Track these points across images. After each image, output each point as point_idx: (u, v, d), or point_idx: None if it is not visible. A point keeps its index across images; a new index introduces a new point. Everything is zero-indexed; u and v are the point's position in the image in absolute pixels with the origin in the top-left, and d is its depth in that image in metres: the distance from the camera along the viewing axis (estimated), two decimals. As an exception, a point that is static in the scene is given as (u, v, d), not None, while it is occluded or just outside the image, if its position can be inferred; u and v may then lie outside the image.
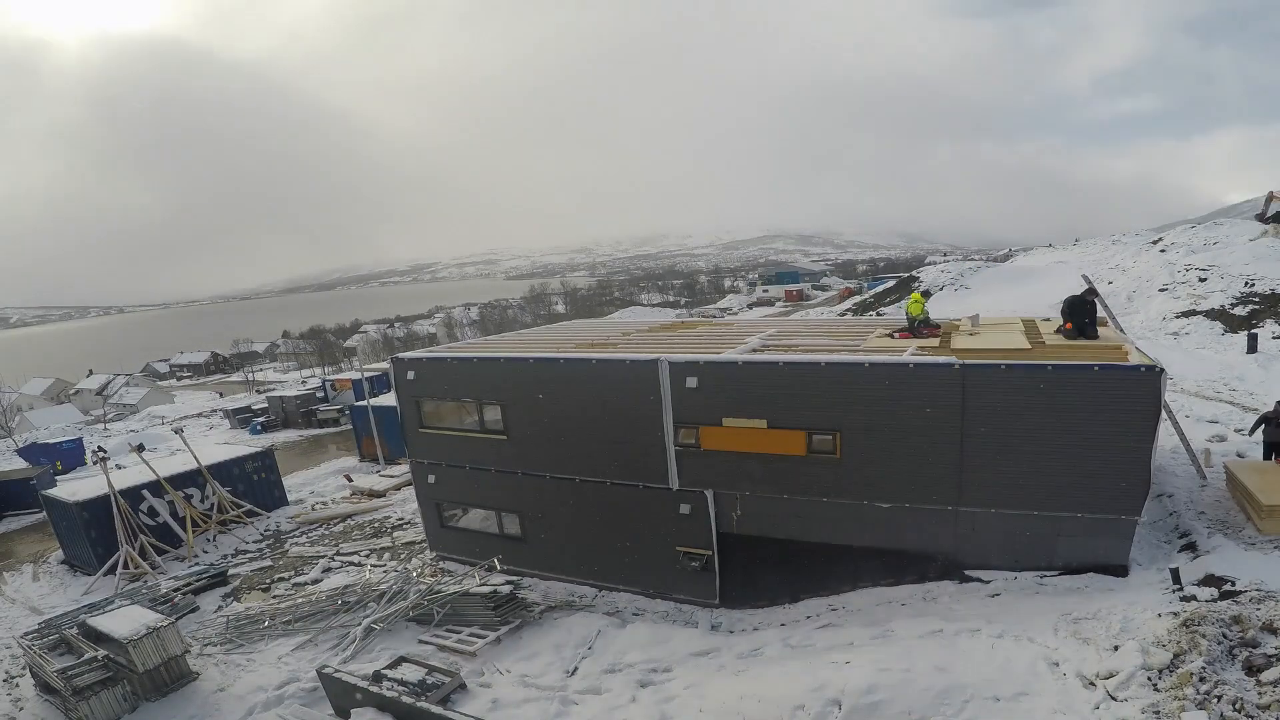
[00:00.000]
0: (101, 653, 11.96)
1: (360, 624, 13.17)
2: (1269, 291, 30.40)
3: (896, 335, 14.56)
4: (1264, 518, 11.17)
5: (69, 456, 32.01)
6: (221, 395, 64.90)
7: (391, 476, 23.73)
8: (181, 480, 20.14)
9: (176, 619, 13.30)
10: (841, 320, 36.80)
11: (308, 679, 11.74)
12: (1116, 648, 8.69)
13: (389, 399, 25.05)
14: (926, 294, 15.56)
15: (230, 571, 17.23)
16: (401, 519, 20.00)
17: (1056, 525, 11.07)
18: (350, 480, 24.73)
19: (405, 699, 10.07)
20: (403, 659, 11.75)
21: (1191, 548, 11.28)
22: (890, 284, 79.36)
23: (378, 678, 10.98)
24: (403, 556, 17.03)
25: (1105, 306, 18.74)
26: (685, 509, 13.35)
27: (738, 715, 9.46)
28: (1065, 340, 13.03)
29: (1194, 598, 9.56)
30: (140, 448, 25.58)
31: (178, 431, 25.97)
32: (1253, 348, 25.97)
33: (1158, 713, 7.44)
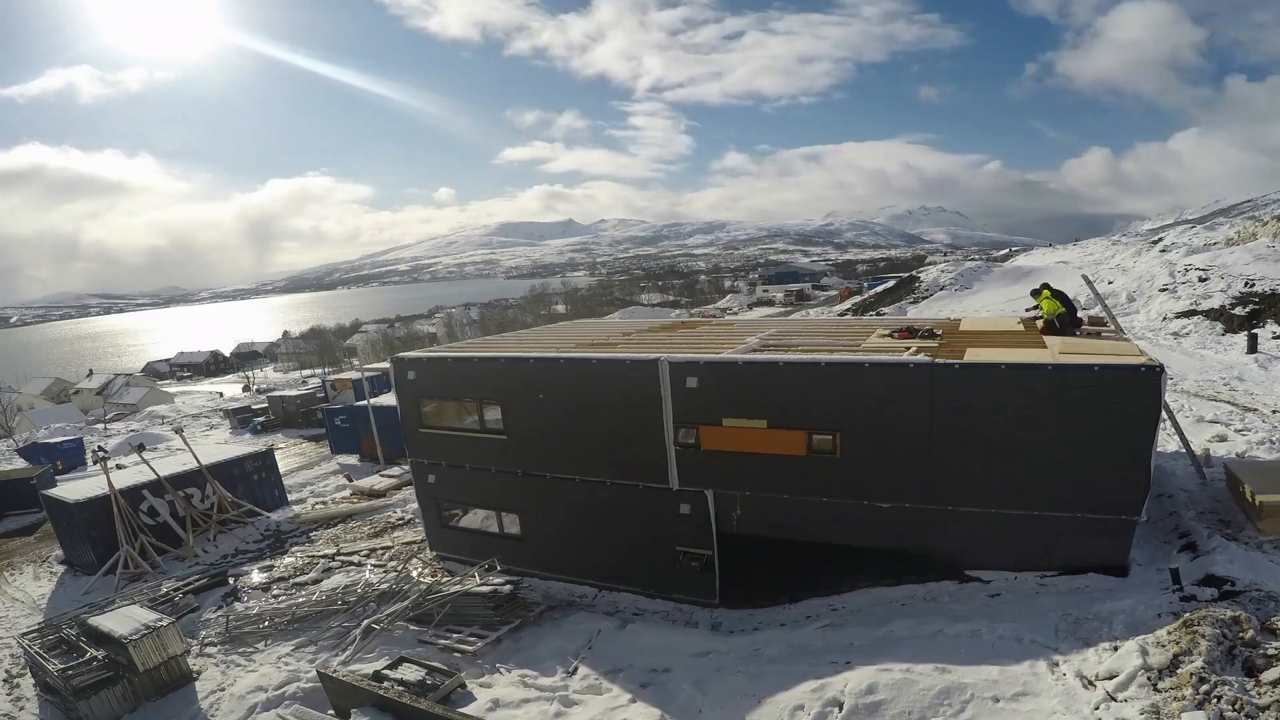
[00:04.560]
0: (101, 652, 11.98)
1: (360, 624, 13.17)
2: (1269, 291, 30.40)
3: (896, 335, 14.58)
4: (1264, 518, 11.17)
5: (69, 456, 31.95)
6: (223, 395, 64.93)
7: (391, 476, 23.73)
8: (181, 480, 20.13)
9: (176, 619, 13.31)
10: (841, 320, 36.80)
11: (308, 679, 11.73)
12: (1116, 648, 8.69)
13: (388, 399, 25.13)
14: (1046, 287, 15.16)
15: (230, 572, 17.22)
16: (402, 519, 20.00)
17: (1056, 525, 11.06)
18: (350, 480, 24.74)
19: (405, 699, 10.07)
20: (403, 659, 11.75)
21: (1191, 548, 11.27)
22: (890, 284, 79.35)
23: (378, 678, 10.99)
24: (403, 556, 17.03)
25: (1105, 306, 18.75)
26: (685, 509, 13.34)
27: (737, 715, 9.47)
28: (1062, 337, 13.02)
29: (1194, 598, 9.56)
30: (140, 447, 25.61)
31: (178, 431, 25.99)
32: (1253, 348, 25.99)
33: (1158, 713, 7.43)
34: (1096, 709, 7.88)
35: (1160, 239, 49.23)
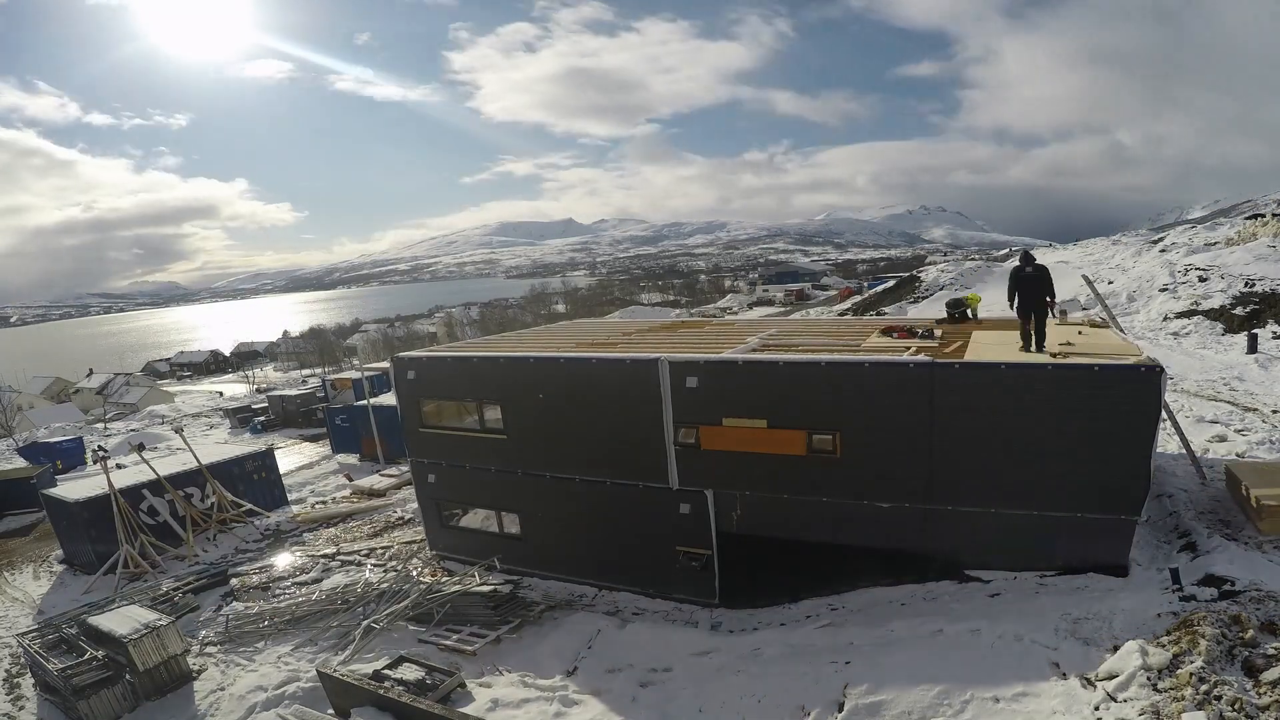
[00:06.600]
0: (101, 652, 11.98)
1: (360, 624, 13.17)
2: (1269, 291, 30.39)
3: (896, 335, 14.59)
4: (1264, 518, 11.17)
5: (69, 456, 31.95)
6: (223, 395, 64.95)
7: (391, 476, 23.74)
8: (181, 480, 20.14)
9: (176, 618, 13.32)
10: (841, 320, 36.78)
11: (308, 679, 11.73)
12: (1116, 648, 8.69)
13: (388, 398, 25.15)
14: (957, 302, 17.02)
15: (230, 571, 17.22)
16: (402, 518, 20.00)
17: (1056, 525, 11.06)
18: (350, 480, 24.75)
19: (405, 698, 10.07)
20: (403, 658, 11.74)
21: (1191, 548, 11.26)
22: (890, 284, 79.38)
23: (378, 677, 10.98)
24: (403, 556, 17.03)
25: (1105, 306, 18.76)
26: (685, 509, 13.34)
27: (738, 715, 9.48)
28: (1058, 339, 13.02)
29: (1194, 598, 9.56)
30: (140, 447, 25.62)
31: (178, 431, 25.98)
32: (1253, 348, 25.97)
33: (1157, 713, 7.42)
34: (1096, 709, 7.87)
35: (1160, 239, 49.26)
